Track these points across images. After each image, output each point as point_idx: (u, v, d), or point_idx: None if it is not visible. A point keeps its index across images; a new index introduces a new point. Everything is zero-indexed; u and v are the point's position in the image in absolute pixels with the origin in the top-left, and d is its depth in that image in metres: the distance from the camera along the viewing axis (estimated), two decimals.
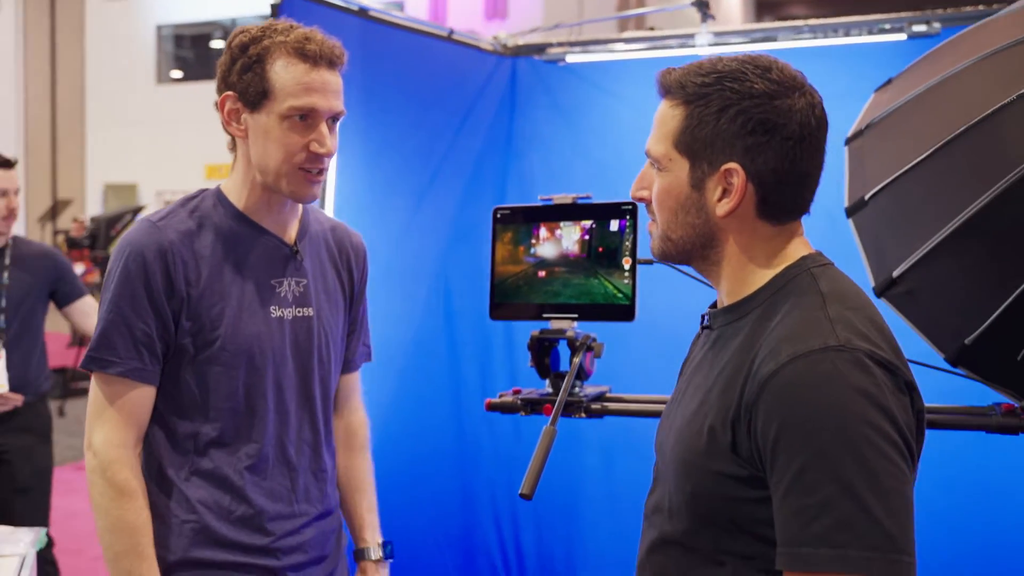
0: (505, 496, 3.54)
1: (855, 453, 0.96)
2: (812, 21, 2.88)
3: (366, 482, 1.83)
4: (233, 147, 1.60)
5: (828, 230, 2.05)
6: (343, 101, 1.56)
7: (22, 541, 2.04)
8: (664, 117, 1.18)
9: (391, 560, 1.80)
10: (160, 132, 17.17)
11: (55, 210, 15.57)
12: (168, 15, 17.78)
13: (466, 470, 3.45)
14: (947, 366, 1.64)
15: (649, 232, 1.25)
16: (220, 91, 1.55)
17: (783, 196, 1.14)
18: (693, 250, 1.19)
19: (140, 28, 17.79)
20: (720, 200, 1.14)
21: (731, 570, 1.09)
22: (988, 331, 1.55)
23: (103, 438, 1.51)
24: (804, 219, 2.53)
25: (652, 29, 3.96)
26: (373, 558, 1.77)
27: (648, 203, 1.22)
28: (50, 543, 3.29)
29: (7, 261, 3.21)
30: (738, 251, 1.16)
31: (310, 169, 1.54)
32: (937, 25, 2.62)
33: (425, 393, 3.32)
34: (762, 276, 1.16)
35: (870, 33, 2.74)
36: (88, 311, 3.36)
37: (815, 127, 1.13)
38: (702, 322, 1.27)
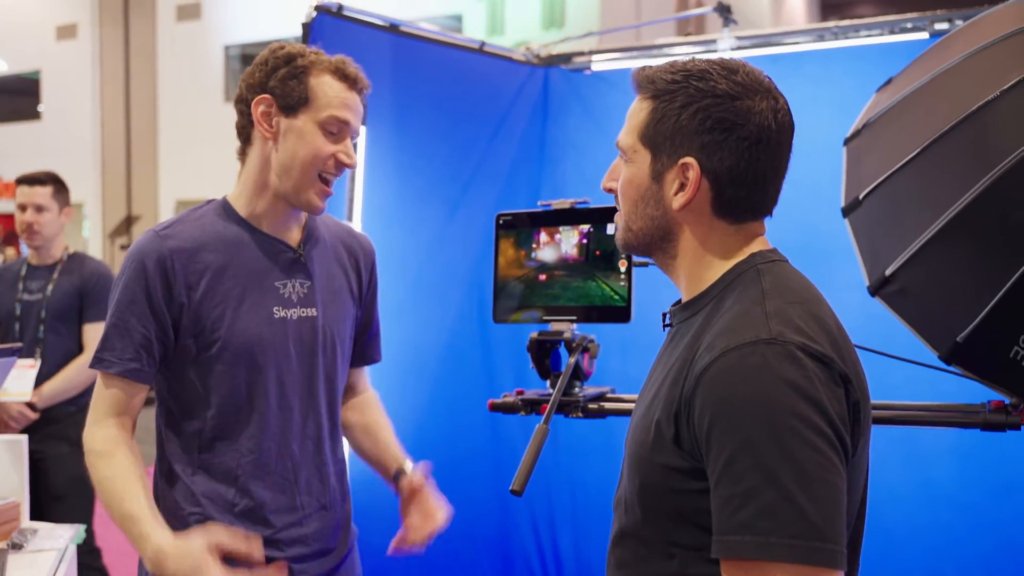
0: (542, 500, 3.58)
1: (780, 443, 0.98)
2: (842, 22, 2.87)
3: (385, 426, 1.91)
4: (242, 154, 1.70)
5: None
6: (360, 123, 1.71)
7: (61, 537, 2.16)
8: (634, 111, 1.22)
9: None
10: (229, 149, 17.56)
11: (128, 224, 16.12)
12: (235, 36, 18.29)
13: (501, 471, 3.49)
14: (942, 364, 1.64)
15: (615, 223, 1.28)
16: (253, 94, 1.66)
17: (738, 195, 1.16)
18: (652, 242, 1.22)
19: (209, 49, 18.32)
20: (676, 194, 1.17)
21: (679, 562, 1.11)
22: (979, 328, 1.54)
23: (93, 422, 1.64)
24: (816, 220, 2.52)
25: (689, 34, 3.97)
26: (416, 471, 1.82)
27: (615, 194, 1.26)
28: (98, 553, 3.40)
29: (55, 275, 3.36)
30: (694, 247, 1.19)
31: (328, 180, 1.66)
32: (959, 23, 2.59)
33: (460, 397, 3.38)
34: (715, 273, 1.18)
35: (892, 33, 2.72)
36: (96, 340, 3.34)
37: (775, 131, 1.15)
38: (664, 320, 1.30)
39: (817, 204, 2.65)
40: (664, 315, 1.29)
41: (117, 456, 1.60)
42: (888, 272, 1.64)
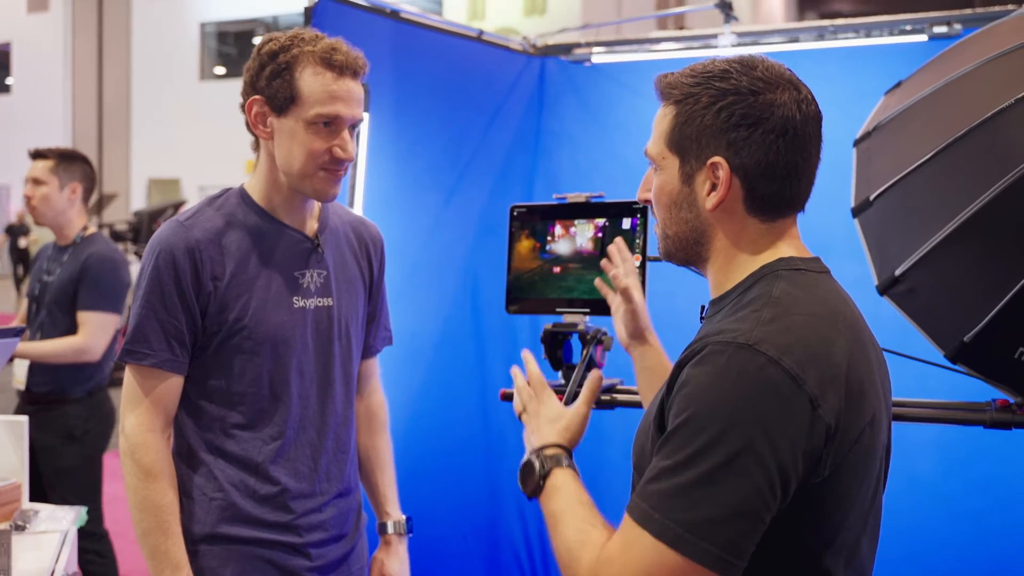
0: None
1: (708, 441, 1.01)
2: (839, 21, 2.91)
3: (387, 460, 1.94)
4: (256, 147, 1.70)
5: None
6: (361, 108, 1.66)
7: (64, 519, 2.15)
8: (659, 118, 1.24)
9: (411, 535, 1.92)
10: (203, 128, 17.41)
11: (100, 204, 15.92)
12: (211, 13, 18.07)
13: (492, 461, 3.52)
14: (948, 363, 1.68)
15: (656, 234, 1.31)
16: (247, 95, 1.64)
17: (769, 189, 1.17)
18: (688, 247, 1.24)
19: (184, 26, 18.09)
20: (709, 194, 1.19)
21: None
22: (986, 329, 1.59)
23: (133, 423, 1.62)
24: (815, 217, 2.56)
25: (681, 29, 3.98)
26: (395, 532, 1.89)
27: (651, 205, 1.28)
28: (97, 537, 3.28)
29: (65, 258, 3.26)
30: (726, 247, 1.21)
31: (333, 171, 1.64)
32: (958, 26, 2.63)
33: (452, 385, 3.40)
34: (743, 272, 1.20)
35: (891, 34, 2.76)
36: (88, 325, 3.15)
37: (800, 121, 1.16)
38: (701, 313, 1.33)
39: (815, 202, 2.70)
40: (702, 308, 1.32)
41: (162, 482, 1.61)
42: (898, 272, 1.68)
